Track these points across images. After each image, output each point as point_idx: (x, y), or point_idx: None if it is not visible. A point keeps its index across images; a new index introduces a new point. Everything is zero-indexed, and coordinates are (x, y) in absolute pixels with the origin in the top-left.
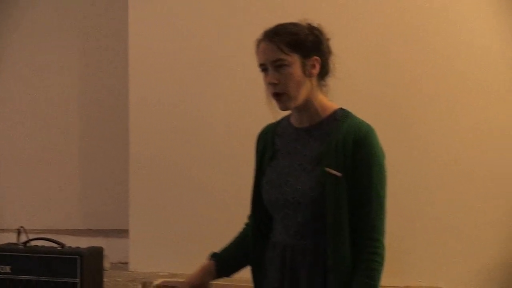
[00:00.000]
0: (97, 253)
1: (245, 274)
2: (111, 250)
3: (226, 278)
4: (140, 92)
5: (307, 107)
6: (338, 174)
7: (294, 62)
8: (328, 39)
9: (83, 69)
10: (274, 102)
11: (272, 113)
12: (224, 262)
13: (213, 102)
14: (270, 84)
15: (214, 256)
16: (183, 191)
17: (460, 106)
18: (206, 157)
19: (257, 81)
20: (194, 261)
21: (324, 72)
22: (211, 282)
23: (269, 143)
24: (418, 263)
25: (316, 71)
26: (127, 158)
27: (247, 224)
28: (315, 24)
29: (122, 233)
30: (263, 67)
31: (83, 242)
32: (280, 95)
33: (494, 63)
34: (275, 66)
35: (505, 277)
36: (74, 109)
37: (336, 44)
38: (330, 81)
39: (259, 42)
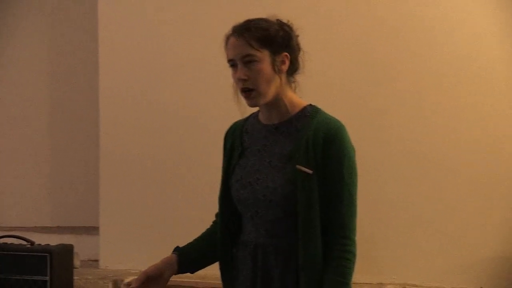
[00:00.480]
0: (67, 251)
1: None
2: (81, 247)
3: (197, 276)
4: (110, 88)
5: (276, 103)
6: (309, 171)
7: (264, 58)
8: (297, 36)
9: (52, 65)
10: (242, 99)
11: (240, 110)
12: (187, 257)
13: (182, 98)
14: (239, 80)
15: (177, 250)
16: (154, 187)
17: (433, 103)
18: (176, 153)
19: (226, 77)
20: None
21: (293, 69)
22: (170, 276)
23: (237, 141)
24: (391, 259)
25: (285, 67)
26: (97, 154)
27: (215, 222)
28: (285, 20)
29: (92, 230)
30: (232, 63)
31: (52, 240)
32: (249, 91)
33: (467, 61)
34: (244, 62)
35: (480, 273)
36: (43, 105)
37: (311, 41)
38: (301, 77)
39: (228, 37)
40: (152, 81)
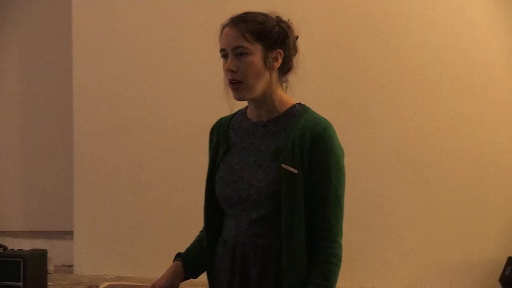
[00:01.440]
0: (40, 256)
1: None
2: (55, 252)
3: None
4: (84, 91)
5: (265, 101)
6: (295, 171)
7: (256, 51)
8: (296, 36)
9: (25, 67)
10: (229, 91)
11: (228, 104)
12: (192, 262)
13: (159, 100)
14: (228, 71)
15: (181, 256)
16: (129, 192)
17: (424, 106)
18: (151, 158)
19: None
20: (141, 264)
21: (286, 68)
22: (179, 284)
23: (223, 137)
24: (371, 264)
25: (277, 64)
26: (71, 158)
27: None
28: (284, 18)
29: (67, 234)
30: (224, 53)
31: (26, 245)
32: (236, 84)
33: (445, 60)
34: (235, 53)
35: (458, 277)
36: (15, 108)
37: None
38: (292, 77)
39: (223, 26)
40: (127, 86)
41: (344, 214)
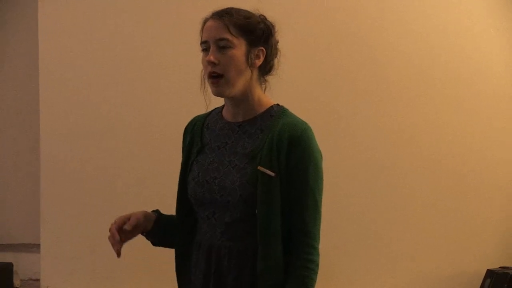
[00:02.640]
0: (6, 269)
1: None
2: (21, 266)
3: None
4: (51, 100)
5: (243, 100)
6: (272, 173)
7: (239, 46)
8: (277, 41)
9: None
10: (209, 85)
11: (205, 101)
12: (162, 224)
13: (128, 107)
14: (209, 63)
15: (158, 212)
16: (97, 203)
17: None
18: (124, 168)
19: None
20: (110, 277)
21: (267, 68)
22: (143, 229)
23: (197, 136)
24: (350, 270)
25: (259, 62)
26: (38, 168)
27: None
28: (268, 18)
29: (33, 247)
30: (205, 46)
31: None
32: (217, 78)
33: (430, 67)
34: (218, 46)
35: (440, 284)
36: None
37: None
38: (271, 78)
39: (206, 20)
40: (95, 91)
41: (322, 219)
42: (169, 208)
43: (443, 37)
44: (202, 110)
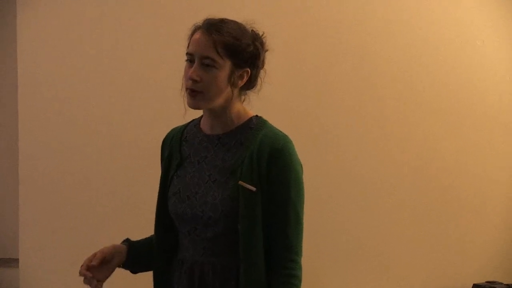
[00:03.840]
0: None
1: None
2: (0, 280)
3: None
4: (29, 114)
5: (221, 113)
6: (253, 188)
7: (224, 67)
8: (266, 50)
9: None
10: (185, 97)
11: (185, 109)
12: (136, 253)
13: (109, 115)
14: (190, 79)
15: (128, 241)
16: (78, 216)
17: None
18: (105, 180)
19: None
20: None
21: (250, 85)
22: (118, 265)
23: (175, 150)
24: (334, 284)
25: (242, 83)
26: (17, 181)
27: None
28: (260, 33)
29: (12, 262)
30: (190, 57)
31: None
32: (195, 92)
33: (417, 77)
34: (202, 63)
35: None
36: None
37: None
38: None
39: (196, 29)
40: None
41: (304, 232)
42: (150, 220)
43: (433, 45)
44: (181, 118)
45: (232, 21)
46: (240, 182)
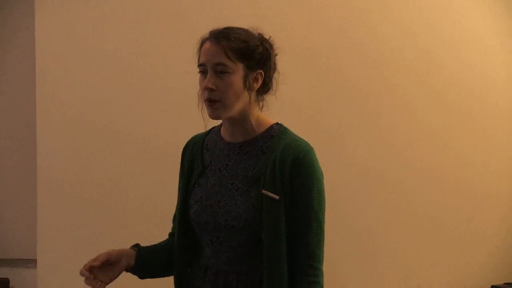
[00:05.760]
0: (2, 285)
1: None
2: (18, 281)
3: None
4: (48, 113)
5: (242, 121)
6: (276, 197)
7: (237, 71)
8: (276, 54)
9: None
10: (205, 108)
11: (203, 120)
12: (145, 257)
13: (129, 120)
14: (206, 88)
15: (137, 246)
16: (96, 217)
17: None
18: (122, 182)
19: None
20: None
21: (265, 89)
22: (125, 268)
23: (197, 158)
24: (350, 285)
25: (257, 85)
26: (35, 181)
27: (170, 234)
28: (266, 36)
29: (30, 263)
30: (202, 69)
31: None
32: (213, 102)
33: (432, 78)
34: (216, 71)
35: None
36: None
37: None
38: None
39: (204, 40)
40: (95, 105)
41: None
42: (167, 224)
43: (443, 44)
44: (202, 124)
45: (237, 27)
46: (264, 191)
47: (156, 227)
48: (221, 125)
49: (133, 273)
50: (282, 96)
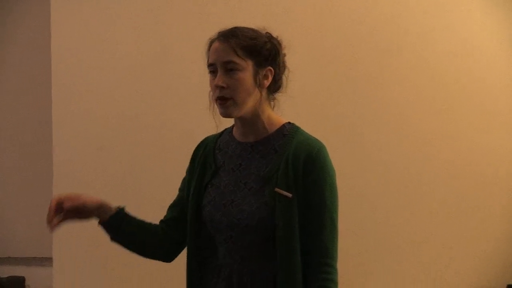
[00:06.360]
0: (18, 283)
1: None
2: (33, 279)
3: None
4: (63, 113)
5: (253, 120)
6: (289, 195)
7: (247, 68)
8: (284, 54)
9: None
10: (216, 107)
11: (214, 121)
12: (120, 221)
13: (146, 118)
14: (216, 87)
15: (121, 209)
16: None
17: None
18: (138, 179)
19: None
20: None
21: (276, 87)
22: (91, 215)
23: (209, 158)
24: (367, 285)
25: (268, 82)
26: (50, 180)
27: (161, 221)
28: (274, 35)
29: (45, 261)
30: (212, 68)
31: (3, 271)
32: (225, 100)
33: (445, 74)
34: (225, 69)
35: None
36: None
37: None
38: (280, 95)
39: (212, 41)
40: (110, 103)
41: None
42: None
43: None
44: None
45: (244, 26)
46: (277, 189)
47: None
48: (233, 126)
49: (104, 229)
50: (294, 94)
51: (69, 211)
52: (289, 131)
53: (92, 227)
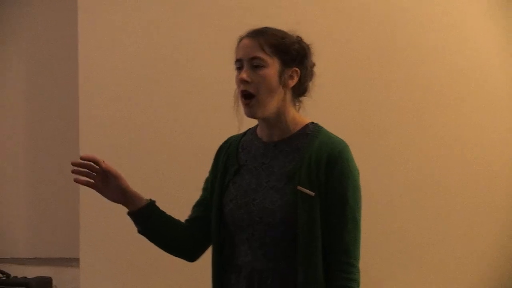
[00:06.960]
0: (45, 284)
1: None
2: (60, 280)
3: None
4: (90, 115)
5: (277, 121)
6: (311, 193)
7: (273, 65)
8: (314, 64)
9: (30, 89)
10: (241, 107)
11: (237, 120)
12: (150, 213)
13: (171, 121)
14: (241, 81)
15: (153, 202)
16: None
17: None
18: (160, 180)
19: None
20: None
21: (301, 90)
22: (122, 202)
23: (232, 157)
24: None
25: (292, 83)
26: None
27: (186, 221)
28: (305, 40)
29: (72, 262)
30: (239, 64)
31: (30, 272)
32: (249, 98)
33: (463, 75)
34: (251, 65)
35: None
36: (21, 129)
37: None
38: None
39: (241, 38)
40: (137, 103)
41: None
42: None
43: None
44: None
45: (274, 27)
46: (299, 187)
47: None
48: (257, 125)
49: (134, 220)
50: (319, 99)
51: (104, 172)
52: (312, 130)
53: (119, 228)
